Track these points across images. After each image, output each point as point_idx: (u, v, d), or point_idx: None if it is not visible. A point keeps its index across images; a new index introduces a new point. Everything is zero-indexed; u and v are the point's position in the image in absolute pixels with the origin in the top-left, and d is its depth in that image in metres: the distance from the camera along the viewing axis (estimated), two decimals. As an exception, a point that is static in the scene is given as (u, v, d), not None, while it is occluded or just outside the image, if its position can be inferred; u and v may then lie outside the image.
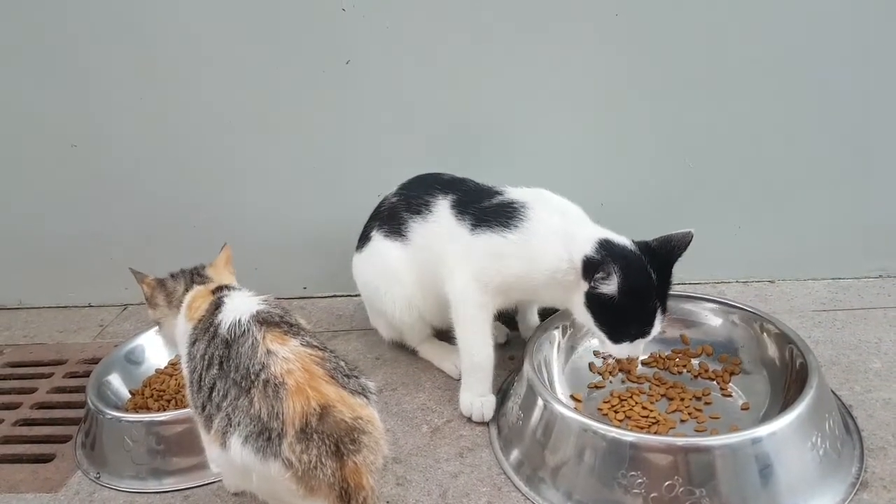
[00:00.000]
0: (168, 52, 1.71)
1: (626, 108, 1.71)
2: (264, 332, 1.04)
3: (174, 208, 1.88)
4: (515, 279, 1.35)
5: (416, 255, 1.47)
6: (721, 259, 1.81)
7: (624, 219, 1.71)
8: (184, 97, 1.76)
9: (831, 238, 1.80)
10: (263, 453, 0.94)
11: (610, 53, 1.65)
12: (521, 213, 1.34)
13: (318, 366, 1.00)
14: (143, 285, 1.29)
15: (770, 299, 1.76)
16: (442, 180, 1.50)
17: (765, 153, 1.73)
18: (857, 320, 1.65)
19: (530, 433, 1.28)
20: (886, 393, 1.41)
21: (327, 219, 1.85)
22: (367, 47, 1.67)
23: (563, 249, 1.29)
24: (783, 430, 1.14)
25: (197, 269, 1.28)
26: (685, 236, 1.30)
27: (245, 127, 1.78)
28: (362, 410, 0.98)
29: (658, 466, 1.12)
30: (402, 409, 1.48)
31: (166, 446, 1.31)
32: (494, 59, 1.67)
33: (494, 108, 1.73)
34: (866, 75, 1.64)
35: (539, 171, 1.70)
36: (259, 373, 0.98)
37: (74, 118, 1.80)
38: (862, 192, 1.75)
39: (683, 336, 1.51)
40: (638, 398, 1.39)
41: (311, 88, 1.72)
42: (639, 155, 1.75)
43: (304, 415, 0.94)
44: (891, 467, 1.23)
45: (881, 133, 1.69)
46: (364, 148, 1.78)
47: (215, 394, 1.03)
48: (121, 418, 1.35)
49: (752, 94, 1.67)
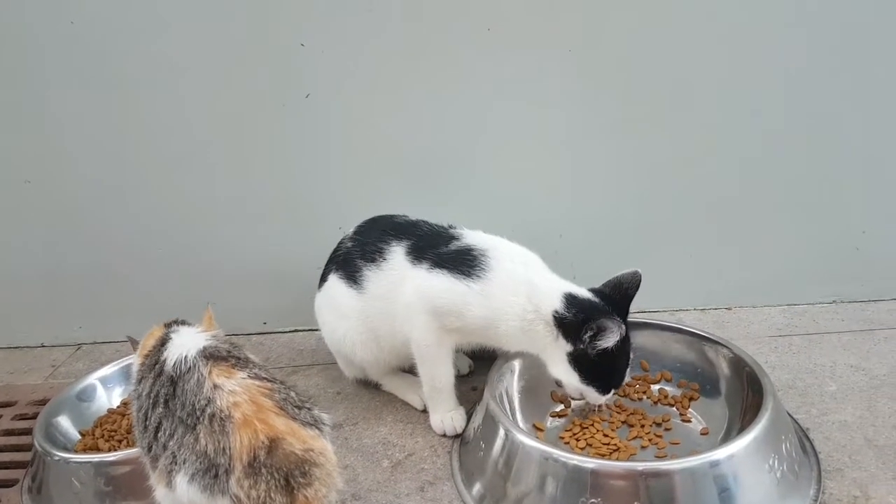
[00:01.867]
0: (126, 87, 1.70)
1: (584, 141, 1.73)
2: (210, 367, 1.01)
3: (130, 245, 1.84)
4: (476, 327, 1.34)
5: (372, 304, 1.45)
6: (678, 288, 1.84)
7: (582, 249, 1.75)
8: (140, 133, 1.74)
9: (786, 265, 1.84)
10: (210, 491, 0.91)
11: (567, 88, 1.68)
12: (482, 261, 1.34)
13: (266, 397, 0.98)
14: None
15: (727, 326, 1.78)
16: (395, 224, 1.48)
17: (720, 184, 1.76)
18: (812, 345, 1.68)
19: (492, 463, 1.26)
20: (842, 415, 1.43)
21: (288, 253, 1.83)
22: (326, 82, 1.68)
23: (528, 301, 1.30)
24: (740, 452, 1.14)
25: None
26: (634, 276, 1.32)
27: (203, 161, 1.77)
28: (314, 442, 0.96)
29: (619, 492, 1.11)
30: (363, 443, 1.46)
31: (115, 487, 1.26)
32: (454, 93, 1.69)
33: (454, 143, 1.74)
34: (818, 107, 1.69)
35: (499, 205, 1.73)
36: (205, 408, 0.96)
37: (28, 154, 1.77)
38: (816, 221, 1.80)
39: (643, 363, 1.52)
40: (599, 426, 1.39)
41: (271, 122, 1.72)
42: (596, 187, 1.78)
43: (252, 448, 0.91)
44: (848, 488, 1.24)
45: (834, 164, 1.74)
46: (324, 182, 1.78)
47: (161, 433, 1.00)
48: (68, 459, 1.30)
49: (707, 127, 1.71)
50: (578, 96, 1.69)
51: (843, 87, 1.68)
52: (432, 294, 1.35)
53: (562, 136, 1.74)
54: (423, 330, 1.38)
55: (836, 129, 1.71)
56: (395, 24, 1.63)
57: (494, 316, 1.32)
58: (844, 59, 1.65)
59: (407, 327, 1.40)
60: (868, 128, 1.71)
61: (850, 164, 1.75)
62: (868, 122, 1.71)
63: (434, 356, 1.40)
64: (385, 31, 1.64)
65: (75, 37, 1.66)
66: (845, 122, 1.71)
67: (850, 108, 1.69)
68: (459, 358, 1.63)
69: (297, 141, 1.74)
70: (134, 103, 1.72)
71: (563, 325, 1.28)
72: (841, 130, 1.72)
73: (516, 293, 1.31)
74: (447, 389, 1.44)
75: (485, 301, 1.31)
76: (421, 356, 1.41)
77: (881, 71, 1.66)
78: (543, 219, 1.78)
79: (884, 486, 1.24)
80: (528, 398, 1.46)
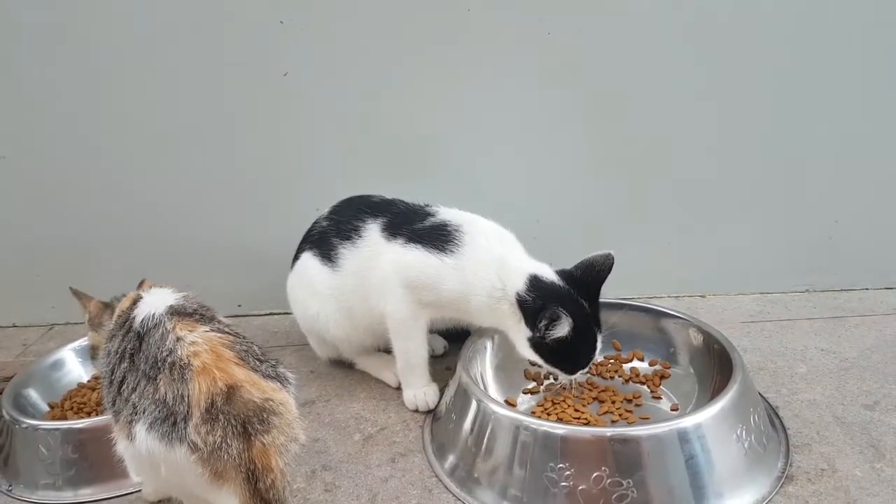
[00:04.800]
0: (102, 64, 1.69)
1: (561, 128, 1.75)
2: (175, 322, 1.01)
3: (105, 224, 1.83)
4: (449, 300, 1.35)
5: (347, 280, 1.45)
6: (653, 274, 1.86)
7: (559, 234, 1.76)
8: (117, 109, 1.73)
9: (760, 254, 1.86)
10: (168, 439, 0.90)
11: (546, 74, 1.70)
12: (456, 236, 1.35)
13: (227, 348, 0.98)
14: (88, 305, 1.29)
15: (700, 313, 1.79)
16: (371, 203, 1.49)
17: (695, 173, 1.79)
18: (783, 330, 1.70)
19: (464, 435, 1.26)
20: (811, 395, 1.44)
21: (263, 235, 1.82)
22: (305, 60, 1.68)
23: (497, 278, 1.31)
24: (708, 421, 1.15)
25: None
26: (606, 259, 1.32)
27: (179, 141, 1.76)
28: (274, 394, 0.96)
29: (587, 458, 1.12)
30: (335, 418, 1.45)
31: (82, 455, 1.25)
32: (433, 75, 1.70)
33: (433, 124, 1.75)
34: (792, 97, 1.72)
35: (477, 188, 1.74)
36: (166, 358, 0.96)
37: (2, 129, 1.76)
38: (789, 211, 1.83)
39: (615, 342, 1.53)
40: (570, 401, 1.39)
41: (248, 101, 1.72)
42: (573, 174, 1.80)
43: (210, 395, 0.91)
44: (815, 461, 1.25)
45: (807, 154, 1.78)
46: (301, 162, 1.78)
47: (125, 387, 0.99)
48: (37, 426, 1.29)
49: (683, 115, 1.73)
50: (558, 82, 1.71)
51: (817, 78, 1.71)
52: (407, 268, 1.36)
53: (541, 123, 1.75)
54: (398, 303, 1.38)
55: (809, 119, 1.74)
56: (376, 2, 1.64)
57: (467, 290, 1.32)
58: (818, 49, 1.69)
59: (382, 302, 1.40)
60: (841, 118, 1.74)
61: (823, 155, 1.78)
62: (841, 113, 1.74)
63: (409, 330, 1.41)
64: (365, 10, 1.64)
65: (51, 13, 1.65)
66: (819, 113, 1.74)
67: (823, 99, 1.73)
68: (434, 338, 1.64)
69: (275, 120, 1.74)
70: (109, 82, 1.71)
71: (523, 309, 1.28)
72: (814, 120, 1.75)
73: (487, 268, 1.32)
74: (421, 365, 1.44)
75: (458, 275, 1.32)
76: (396, 331, 1.42)
77: (854, 62, 1.70)
78: (521, 204, 1.79)
79: (850, 459, 1.25)
80: (501, 375, 1.47)
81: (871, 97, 1.73)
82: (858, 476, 1.21)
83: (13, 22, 1.66)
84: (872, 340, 1.63)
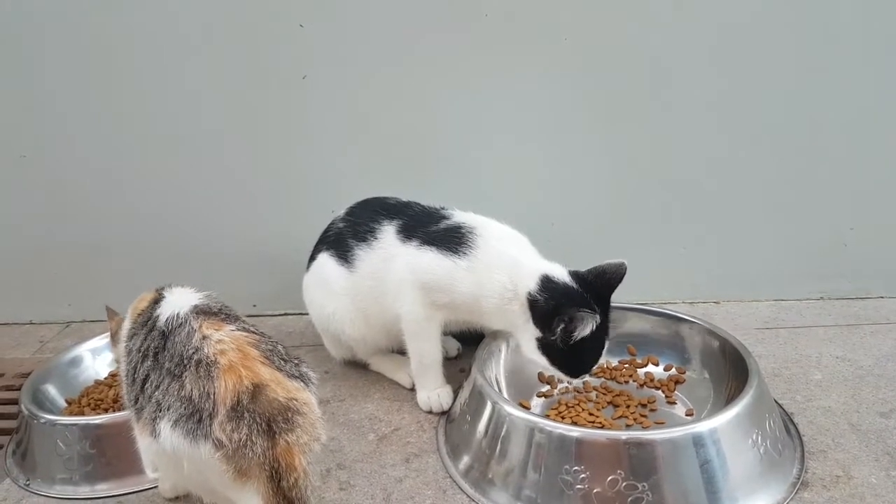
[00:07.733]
0: (121, 65, 1.71)
1: (577, 132, 1.75)
2: (201, 321, 1.02)
3: (122, 224, 1.85)
4: (462, 302, 1.36)
5: (362, 282, 1.46)
6: (667, 280, 1.86)
7: (573, 238, 1.76)
8: (136, 110, 1.75)
9: (775, 261, 1.86)
10: (193, 435, 0.91)
11: (561, 78, 1.71)
12: (469, 239, 1.35)
13: (253, 347, 0.99)
14: (111, 322, 1.30)
15: (715, 319, 1.78)
16: (387, 205, 1.50)
17: (711, 178, 1.79)
18: (798, 337, 1.69)
19: (479, 436, 1.27)
20: (826, 402, 1.44)
21: (279, 235, 1.84)
22: (323, 64, 1.69)
23: (509, 279, 1.31)
24: (723, 425, 1.15)
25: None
26: (619, 268, 1.31)
27: (196, 143, 1.78)
28: (298, 393, 0.96)
29: (602, 461, 1.12)
30: (350, 418, 1.46)
31: (99, 450, 1.26)
32: (450, 79, 1.71)
33: (449, 128, 1.76)
34: (809, 103, 1.72)
35: (492, 191, 1.74)
36: (192, 356, 0.97)
37: (24, 128, 1.78)
38: (805, 218, 1.82)
39: (630, 347, 1.53)
40: (585, 405, 1.39)
41: (266, 103, 1.73)
42: (588, 178, 1.80)
43: (236, 392, 0.92)
44: (831, 468, 1.25)
45: (823, 161, 1.77)
46: (318, 164, 1.79)
47: (148, 385, 1.00)
48: (55, 422, 1.30)
49: (699, 121, 1.73)
50: (573, 87, 1.71)
51: (833, 84, 1.70)
52: (421, 270, 1.37)
53: (556, 128, 1.75)
54: (412, 305, 1.39)
55: (825, 125, 1.74)
56: (394, 8, 1.65)
57: (479, 292, 1.33)
58: (833, 55, 1.68)
59: (397, 304, 1.41)
60: (857, 125, 1.74)
61: (839, 161, 1.77)
62: (857, 120, 1.73)
63: (423, 332, 1.41)
64: (385, 15, 1.65)
65: (72, 14, 1.67)
66: (834, 119, 1.73)
67: (839, 106, 1.72)
68: (448, 340, 1.65)
69: (292, 123, 1.75)
70: (129, 83, 1.73)
71: (533, 308, 1.28)
72: (830, 127, 1.74)
73: (500, 270, 1.32)
74: (435, 366, 1.45)
75: (471, 277, 1.33)
76: (410, 332, 1.42)
77: (868, 66, 1.69)
78: (536, 208, 1.80)
79: (866, 466, 1.24)
80: (515, 378, 1.47)
81: (886, 104, 1.72)
82: (874, 483, 1.21)
83: (35, 22, 1.68)
84: (888, 349, 1.63)
